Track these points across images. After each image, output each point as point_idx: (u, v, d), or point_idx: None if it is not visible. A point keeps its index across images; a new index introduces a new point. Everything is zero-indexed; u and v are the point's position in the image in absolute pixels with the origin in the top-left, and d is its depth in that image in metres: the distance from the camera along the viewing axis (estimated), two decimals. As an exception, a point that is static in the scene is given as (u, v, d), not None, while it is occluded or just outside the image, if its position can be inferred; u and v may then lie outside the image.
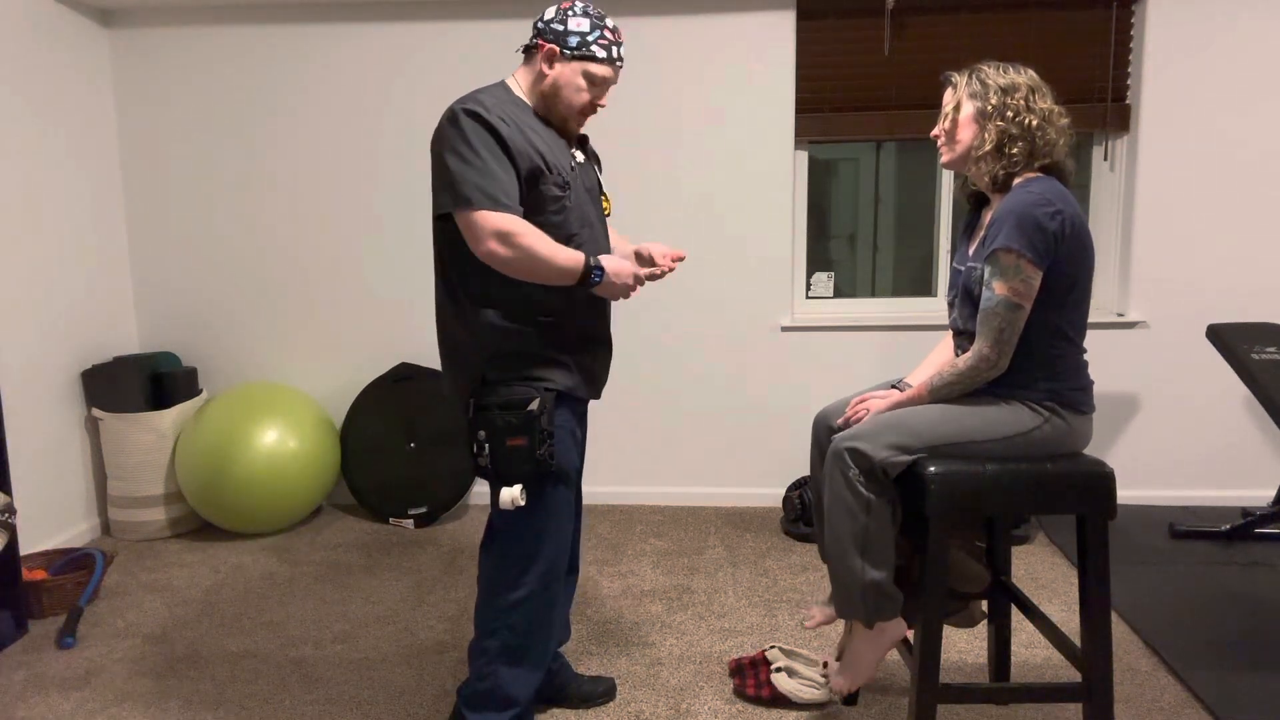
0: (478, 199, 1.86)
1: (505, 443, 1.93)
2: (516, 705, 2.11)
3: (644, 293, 3.95)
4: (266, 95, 3.93)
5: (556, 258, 1.90)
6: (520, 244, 1.87)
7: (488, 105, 1.91)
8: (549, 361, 2.03)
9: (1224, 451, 3.88)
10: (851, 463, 1.92)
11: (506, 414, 1.93)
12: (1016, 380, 1.95)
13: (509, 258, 1.88)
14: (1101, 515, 1.91)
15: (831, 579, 2.02)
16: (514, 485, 1.96)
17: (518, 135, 1.92)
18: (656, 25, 3.80)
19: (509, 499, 1.94)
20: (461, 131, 1.88)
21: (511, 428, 1.93)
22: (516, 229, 1.87)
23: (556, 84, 1.99)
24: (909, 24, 3.77)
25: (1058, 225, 1.86)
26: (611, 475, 4.09)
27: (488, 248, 1.87)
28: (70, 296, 3.65)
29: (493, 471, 1.96)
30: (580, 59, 1.97)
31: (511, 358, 2.00)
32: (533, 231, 1.90)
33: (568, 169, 2.02)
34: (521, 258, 1.88)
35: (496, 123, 1.89)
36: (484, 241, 1.87)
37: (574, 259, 1.93)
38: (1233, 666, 2.52)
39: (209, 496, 3.54)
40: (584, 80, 1.99)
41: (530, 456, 1.94)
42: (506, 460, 1.94)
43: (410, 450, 3.83)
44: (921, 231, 4.14)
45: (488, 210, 1.86)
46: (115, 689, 2.53)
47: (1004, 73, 1.96)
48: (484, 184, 1.87)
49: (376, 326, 4.05)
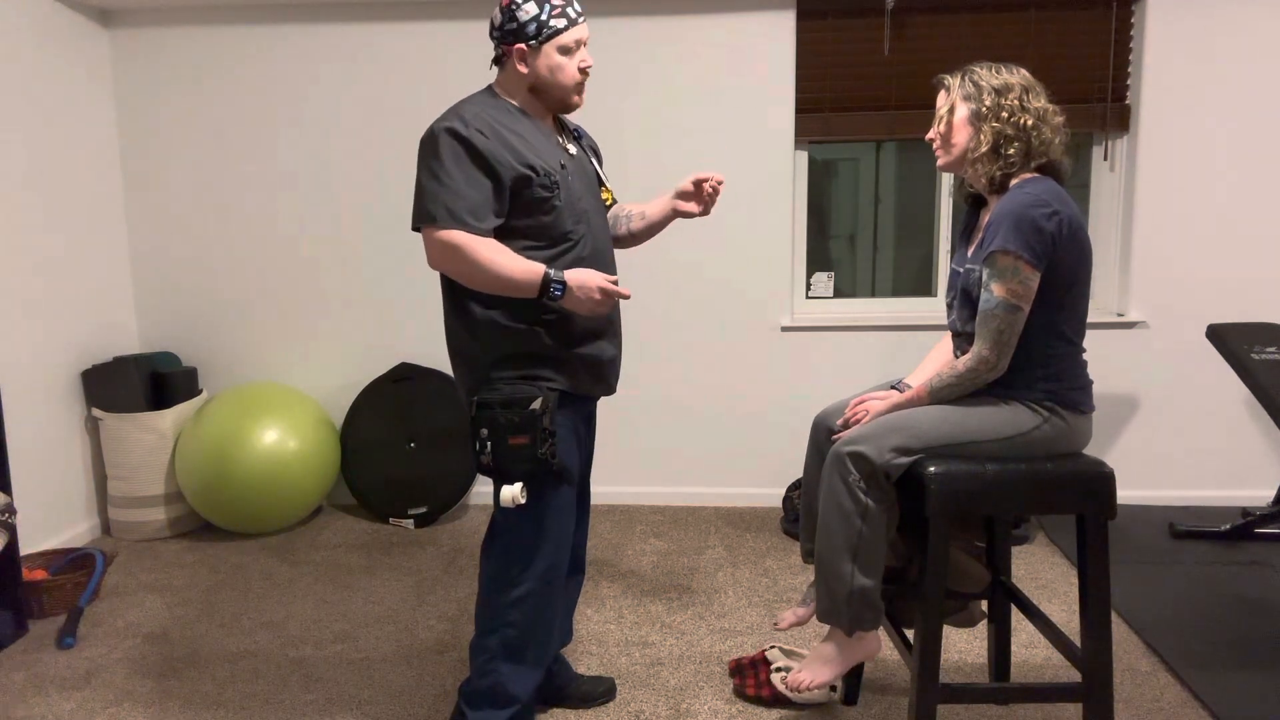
0: (441, 216, 1.91)
1: (507, 441, 1.94)
2: (517, 703, 2.11)
3: (644, 292, 3.95)
4: (267, 95, 3.93)
5: (506, 272, 1.92)
6: (467, 258, 1.91)
7: (466, 119, 1.93)
8: (553, 360, 2.04)
9: (1224, 451, 3.88)
10: (852, 467, 1.92)
11: (508, 412, 1.94)
12: (1016, 380, 1.95)
13: (459, 272, 1.94)
14: (1101, 515, 1.91)
15: (817, 582, 2.02)
16: (514, 483, 1.97)
17: (497, 145, 1.93)
18: (656, 25, 3.80)
19: (509, 497, 1.95)
20: (435, 149, 1.92)
21: (513, 426, 1.94)
22: (466, 244, 1.90)
23: (540, 76, 1.99)
24: (909, 24, 3.77)
25: (1055, 226, 1.86)
26: (611, 475, 4.09)
27: (438, 263, 1.95)
28: (70, 296, 3.66)
29: (495, 469, 1.97)
30: (546, 40, 1.96)
31: (516, 357, 2.02)
32: (485, 247, 1.92)
33: (557, 167, 2.01)
34: (470, 272, 1.93)
35: (473, 136, 1.91)
36: (434, 257, 1.94)
37: (528, 273, 1.92)
38: (1233, 666, 2.52)
39: (209, 496, 3.54)
40: (561, 57, 1.98)
41: (532, 455, 1.94)
42: (508, 458, 1.95)
43: (410, 450, 3.83)
44: (921, 232, 4.14)
45: (447, 229, 1.91)
46: (115, 689, 2.53)
47: (997, 73, 1.96)
48: (448, 200, 1.91)
49: (376, 326, 4.05)
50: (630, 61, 3.82)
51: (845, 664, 2.05)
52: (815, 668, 2.05)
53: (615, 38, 3.81)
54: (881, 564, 1.96)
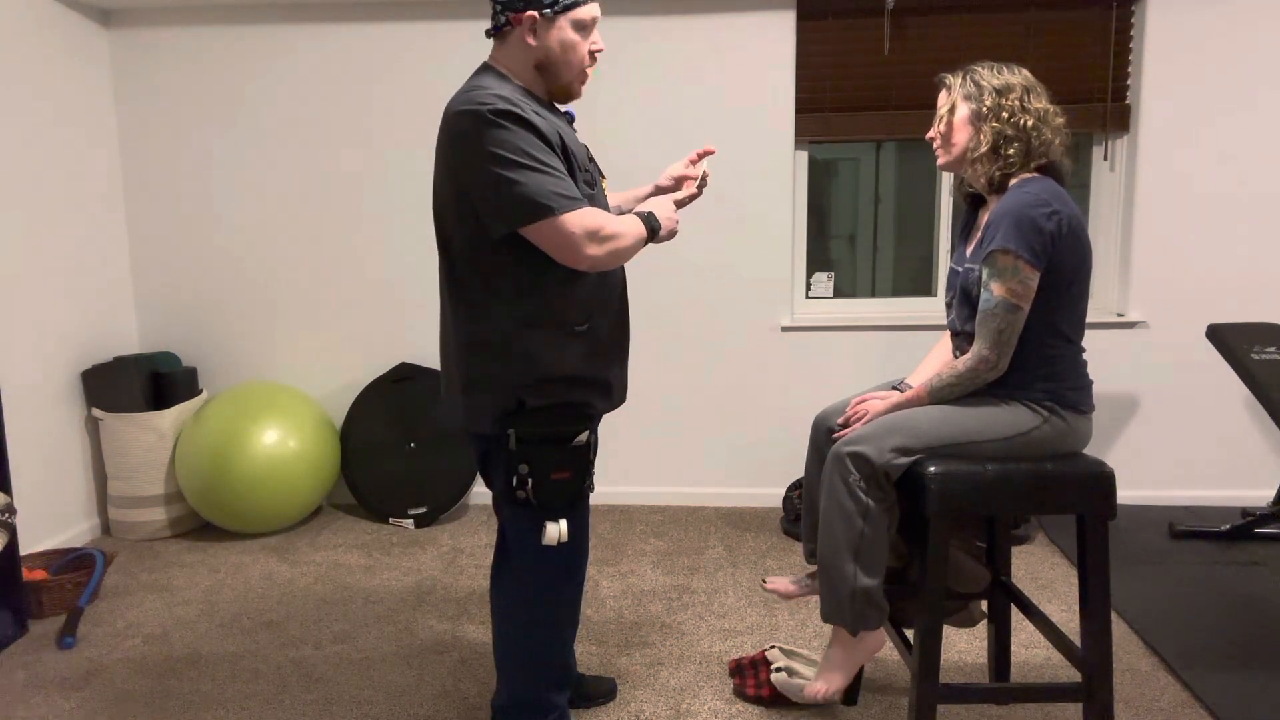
0: (559, 204, 1.72)
1: (549, 476, 1.85)
2: (556, 709, 2.12)
3: (644, 292, 3.95)
4: (266, 95, 3.93)
5: (634, 232, 1.83)
6: (609, 234, 1.77)
7: (514, 100, 1.75)
8: (589, 384, 1.93)
9: (1224, 451, 3.88)
10: (853, 468, 1.92)
11: (553, 448, 1.84)
12: (1016, 380, 1.95)
13: (603, 254, 1.78)
14: (1101, 515, 1.91)
15: (820, 583, 2.02)
16: (559, 520, 1.87)
17: (552, 129, 1.79)
18: (656, 25, 3.80)
19: (554, 536, 1.86)
20: (506, 135, 1.72)
21: (558, 462, 1.84)
22: (601, 222, 1.77)
23: (550, 51, 1.83)
24: (909, 24, 3.77)
25: (1054, 225, 1.86)
26: (611, 475, 4.09)
27: (585, 252, 1.75)
28: (70, 296, 3.66)
29: (535, 504, 1.88)
30: (562, 11, 1.80)
31: (552, 383, 1.88)
32: (605, 217, 1.78)
33: (587, 160, 1.93)
34: (613, 248, 1.79)
35: (533, 118, 1.75)
36: (579, 246, 1.75)
37: (638, 225, 1.85)
38: (1233, 666, 2.52)
39: (209, 496, 3.54)
40: (575, 33, 1.83)
41: (578, 489, 1.88)
42: (550, 493, 1.86)
43: (410, 450, 3.83)
44: (921, 231, 4.14)
45: (570, 213, 1.73)
46: (115, 689, 2.53)
47: (998, 73, 1.96)
48: (555, 186, 1.73)
49: (376, 326, 4.05)
50: (630, 61, 3.82)
51: (854, 665, 2.05)
52: (828, 675, 2.06)
53: (615, 37, 3.81)
54: (884, 563, 1.96)
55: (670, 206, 1.94)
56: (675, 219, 1.95)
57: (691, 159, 2.09)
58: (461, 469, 3.80)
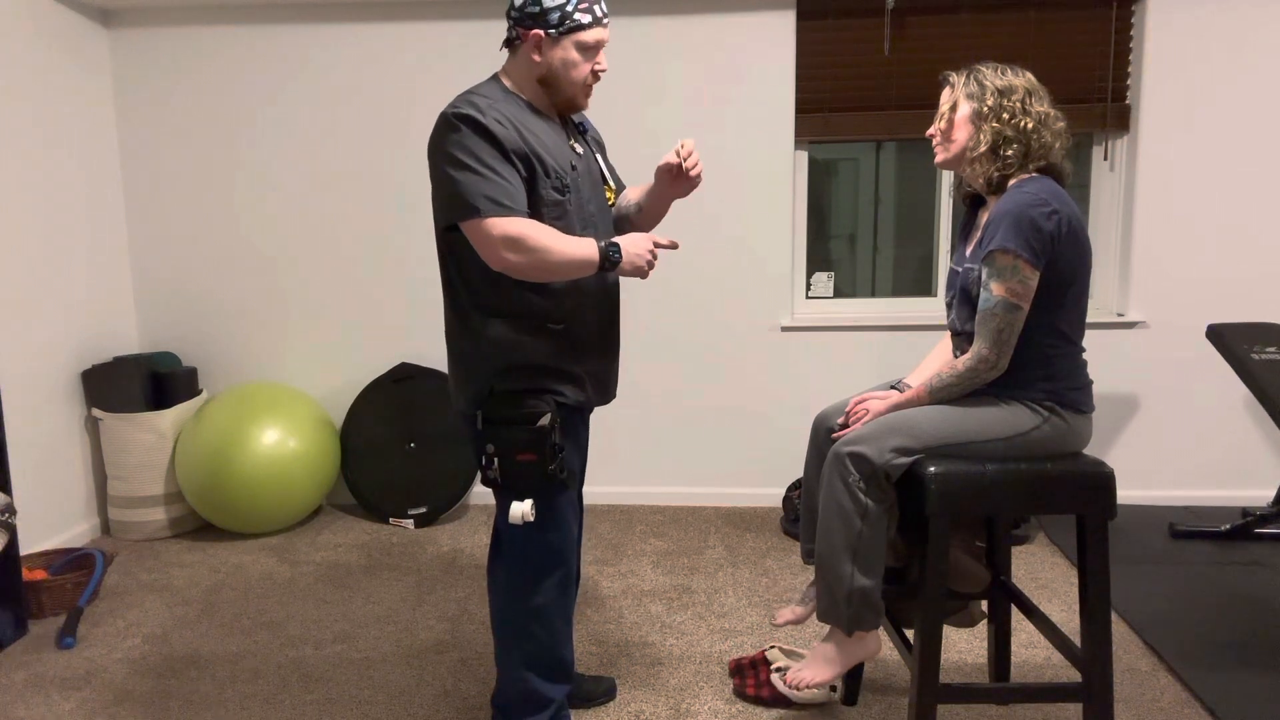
0: (485, 207, 1.81)
1: (515, 458, 1.90)
2: (553, 703, 2.13)
3: (644, 292, 3.95)
4: (267, 95, 3.93)
5: (571, 252, 1.86)
6: (533, 246, 1.82)
7: (482, 107, 1.85)
8: (559, 373, 2.00)
9: (1224, 451, 3.88)
10: (853, 468, 1.92)
11: (516, 429, 1.89)
12: (1016, 380, 1.95)
13: (523, 263, 1.83)
14: (1101, 515, 1.91)
15: (818, 582, 2.02)
16: (524, 500, 1.93)
17: (514, 136, 1.87)
18: (656, 25, 3.80)
19: (519, 515, 1.91)
20: (459, 138, 1.83)
21: (521, 443, 1.89)
22: (527, 232, 1.82)
23: (552, 69, 1.92)
24: (909, 24, 3.77)
25: (1054, 225, 1.86)
26: (611, 475, 4.09)
27: (501, 256, 1.83)
28: (70, 296, 3.66)
29: (502, 485, 1.93)
30: (568, 33, 1.88)
31: (521, 370, 1.96)
32: (543, 231, 1.84)
33: (568, 168, 1.97)
34: (536, 261, 1.83)
35: (492, 125, 1.84)
36: (497, 250, 1.82)
37: (588, 249, 1.88)
38: (1233, 666, 2.52)
39: (209, 496, 3.54)
40: (578, 54, 1.91)
41: (541, 471, 1.91)
42: (516, 475, 1.91)
43: (410, 450, 3.83)
44: (921, 231, 4.14)
45: (495, 217, 1.81)
46: (115, 689, 2.53)
47: (1002, 74, 1.97)
48: (488, 190, 1.82)
49: (376, 326, 4.05)
50: (630, 61, 3.82)
51: (845, 664, 2.05)
52: (816, 666, 2.06)
53: (616, 37, 3.81)
54: (881, 564, 1.97)
55: (646, 244, 1.95)
56: (646, 256, 1.94)
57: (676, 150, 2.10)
58: (461, 469, 3.80)
